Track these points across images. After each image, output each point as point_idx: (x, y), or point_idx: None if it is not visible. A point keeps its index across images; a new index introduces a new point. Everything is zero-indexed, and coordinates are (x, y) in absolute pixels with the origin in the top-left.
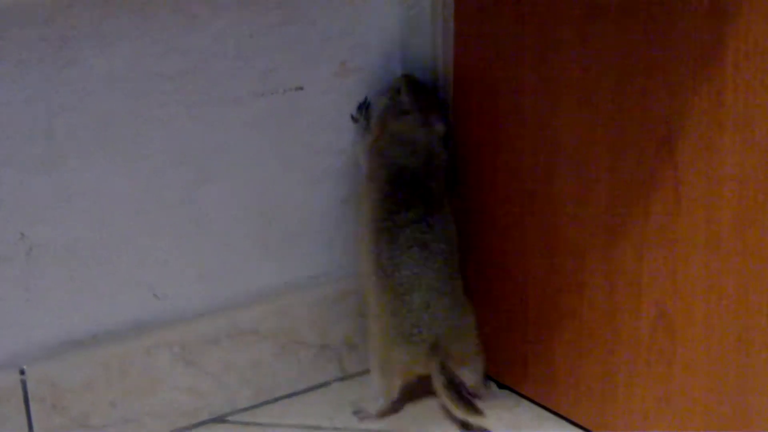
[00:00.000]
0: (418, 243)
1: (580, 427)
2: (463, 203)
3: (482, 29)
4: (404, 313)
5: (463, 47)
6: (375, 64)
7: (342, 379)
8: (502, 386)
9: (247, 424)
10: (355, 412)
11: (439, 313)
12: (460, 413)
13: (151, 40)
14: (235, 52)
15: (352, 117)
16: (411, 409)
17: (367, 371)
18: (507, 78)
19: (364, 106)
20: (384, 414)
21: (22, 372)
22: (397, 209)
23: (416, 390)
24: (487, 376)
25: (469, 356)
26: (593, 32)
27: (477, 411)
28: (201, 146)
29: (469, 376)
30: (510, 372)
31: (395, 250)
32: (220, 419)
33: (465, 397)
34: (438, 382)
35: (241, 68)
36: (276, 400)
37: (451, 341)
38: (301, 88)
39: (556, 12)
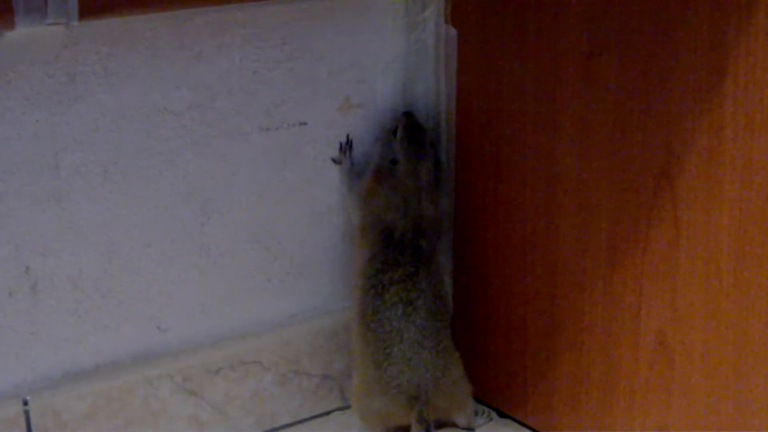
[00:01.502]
0: (402, 301)
1: None
2: (462, 237)
3: (485, 65)
4: (385, 365)
5: (466, 82)
6: (378, 99)
7: (343, 408)
8: (502, 415)
9: None
10: None
11: (420, 367)
12: None
13: (158, 76)
14: (240, 88)
15: (334, 160)
16: None
17: None
18: (508, 112)
19: (346, 146)
20: None
21: (25, 402)
22: (385, 268)
23: None
24: (487, 405)
25: (456, 402)
26: (594, 67)
27: None
28: (206, 181)
29: (460, 421)
30: (510, 400)
31: (380, 307)
32: None
33: None
34: None
35: (246, 104)
36: (277, 429)
37: (434, 393)
38: (305, 123)
39: (558, 47)
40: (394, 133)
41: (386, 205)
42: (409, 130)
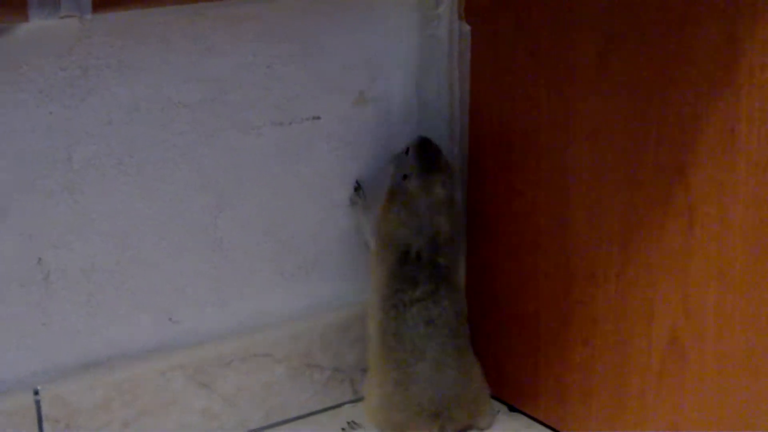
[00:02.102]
0: (424, 319)
1: None
2: (477, 231)
3: (498, 61)
4: (406, 384)
5: (479, 78)
6: (392, 94)
7: (354, 401)
8: (513, 409)
9: None
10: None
11: (442, 385)
12: None
13: (172, 69)
14: (253, 82)
15: (351, 200)
16: None
17: None
18: (522, 108)
19: (360, 190)
20: None
21: (36, 392)
22: (404, 288)
23: None
24: (499, 400)
25: (477, 412)
26: (608, 64)
27: None
28: (220, 174)
29: (480, 424)
30: (522, 395)
31: (401, 327)
32: None
33: None
34: None
35: (259, 97)
36: (288, 421)
37: (454, 409)
38: (319, 118)
39: (571, 44)
40: (407, 152)
41: (399, 222)
42: (421, 147)
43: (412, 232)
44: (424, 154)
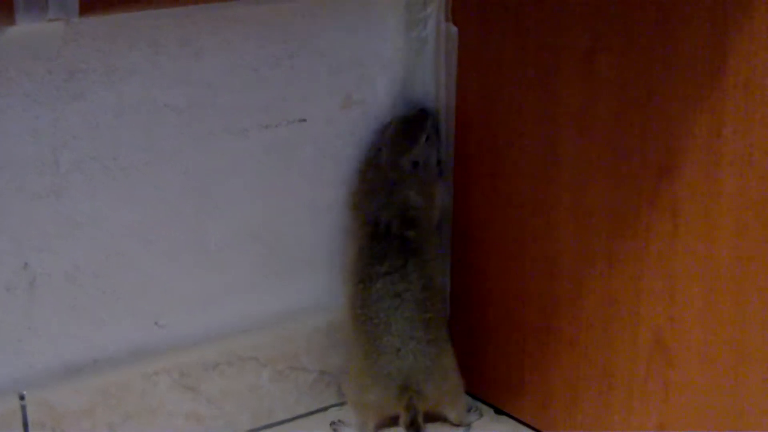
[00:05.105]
0: (390, 294)
1: None
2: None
3: (485, 62)
4: (374, 356)
5: (466, 79)
6: (380, 96)
7: (340, 404)
8: (499, 412)
9: None
10: (333, 423)
11: (409, 356)
12: None
13: (159, 72)
14: (240, 85)
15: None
16: None
17: None
18: (508, 109)
19: None
20: None
21: (22, 397)
22: (372, 262)
23: None
24: (484, 402)
25: (447, 394)
26: (595, 63)
27: None
28: (207, 177)
29: (451, 413)
30: (507, 397)
31: (367, 300)
32: None
33: None
34: (402, 422)
35: (246, 101)
36: (274, 425)
37: (424, 383)
38: (305, 120)
39: (558, 44)
40: (387, 127)
41: (369, 193)
42: (400, 122)
43: (380, 203)
44: (401, 128)
